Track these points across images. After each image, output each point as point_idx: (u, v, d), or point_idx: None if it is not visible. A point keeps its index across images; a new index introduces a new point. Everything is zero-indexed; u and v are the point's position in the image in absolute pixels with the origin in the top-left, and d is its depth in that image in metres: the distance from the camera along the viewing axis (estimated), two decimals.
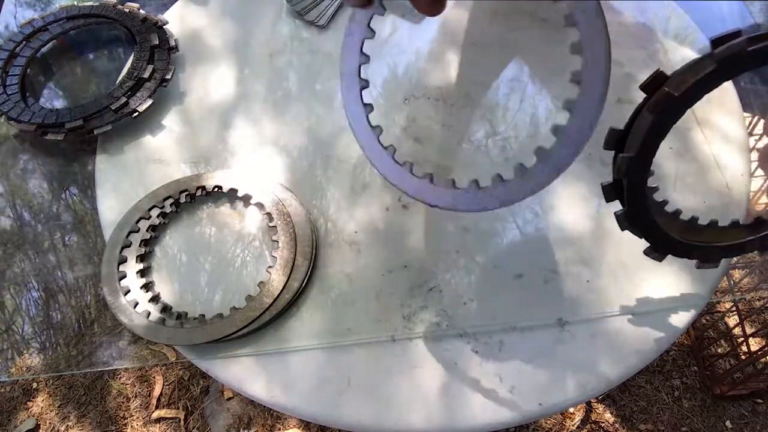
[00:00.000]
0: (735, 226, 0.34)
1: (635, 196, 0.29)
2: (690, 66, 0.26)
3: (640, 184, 0.29)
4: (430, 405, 0.35)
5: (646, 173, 0.28)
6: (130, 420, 0.94)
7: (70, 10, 0.53)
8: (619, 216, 0.31)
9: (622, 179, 0.29)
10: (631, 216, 0.30)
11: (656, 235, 0.31)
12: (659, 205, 0.33)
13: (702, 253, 0.33)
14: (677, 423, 0.89)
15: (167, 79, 0.48)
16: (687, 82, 0.26)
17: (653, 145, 0.27)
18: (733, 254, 0.33)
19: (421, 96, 0.47)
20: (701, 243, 0.33)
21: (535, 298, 0.38)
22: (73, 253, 0.47)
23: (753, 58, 0.25)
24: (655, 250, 0.32)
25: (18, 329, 0.46)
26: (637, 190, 0.29)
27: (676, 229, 0.33)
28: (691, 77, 0.26)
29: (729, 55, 0.25)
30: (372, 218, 0.41)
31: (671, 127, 0.27)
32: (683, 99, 0.26)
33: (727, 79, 0.26)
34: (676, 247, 0.32)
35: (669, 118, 0.27)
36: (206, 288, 0.40)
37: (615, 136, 0.29)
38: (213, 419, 0.93)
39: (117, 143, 0.47)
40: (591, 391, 0.35)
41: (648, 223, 0.31)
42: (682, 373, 0.93)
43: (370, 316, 0.38)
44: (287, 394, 0.36)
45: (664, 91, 0.26)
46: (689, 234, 0.33)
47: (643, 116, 0.28)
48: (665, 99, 0.26)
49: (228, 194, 0.43)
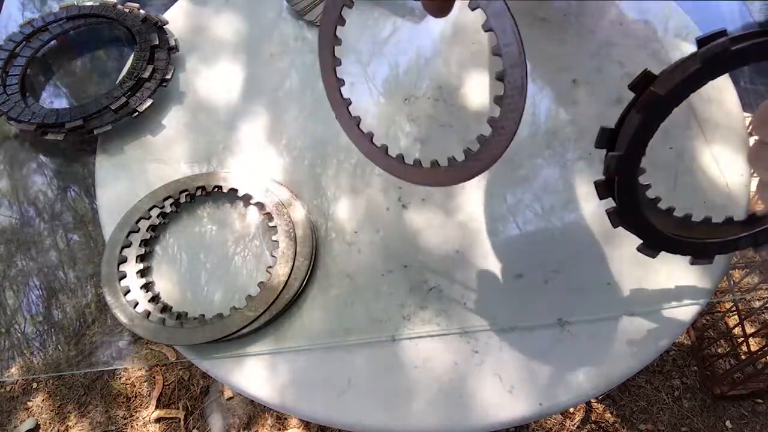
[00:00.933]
0: (729, 223, 0.34)
1: (625, 193, 0.30)
2: (677, 65, 0.27)
3: (630, 181, 0.29)
4: (430, 405, 0.35)
5: (635, 171, 0.29)
6: (130, 420, 0.94)
7: (70, 10, 0.53)
8: (611, 213, 0.31)
9: (613, 177, 0.29)
10: (622, 213, 0.31)
11: (648, 231, 0.32)
12: (651, 202, 0.33)
13: (695, 250, 0.33)
14: (677, 423, 0.89)
15: (167, 79, 0.48)
16: (673, 82, 0.26)
17: (641, 143, 0.28)
18: (726, 250, 0.33)
19: (421, 96, 0.47)
20: (694, 239, 0.33)
21: (535, 298, 0.38)
22: (74, 252, 0.47)
23: (737, 58, 0.25)
24: (648, 247, 0.33)
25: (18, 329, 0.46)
26: (627, 188, 0.29)
27: (669, 225, 0.33)
28: (677, 77, 0.26)
29: (713, 54, 0.25)
30: (372, 218, 0.41)
31: (659, 126, 0.27)
32: (669, 98, 0.26)
33: (713, 78, 0.26)
34: (669, 243, 0.32)
35: (656, 117, 0.27)
36: (206, 288, 0.40)
37: (605, 135, 0.30)
38: (213, 419, 0.93)
39: (117, 143, 0.47)
40: (591, 391, 0.35)
41: (639, 219, 0.31)
42: (682, 373, 0.93)
43: (370, 316, 0.38)
44: (287, 394, 0.36)
45: (651, 91, 0.27)
46: (683, 230, 0.33)
47: (632, 116, 0.28)
48: (652, 98, 0.27)
49: (228, 194, 0.43)
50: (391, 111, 0.46)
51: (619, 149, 0.28)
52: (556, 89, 0.46)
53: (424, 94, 0.47)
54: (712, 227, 0.34)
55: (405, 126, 0.45)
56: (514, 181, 0.42)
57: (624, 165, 0.28)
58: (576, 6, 0.50)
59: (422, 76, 0.48)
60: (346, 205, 0.42)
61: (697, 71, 0.26)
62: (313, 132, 0.46)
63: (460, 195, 0.42)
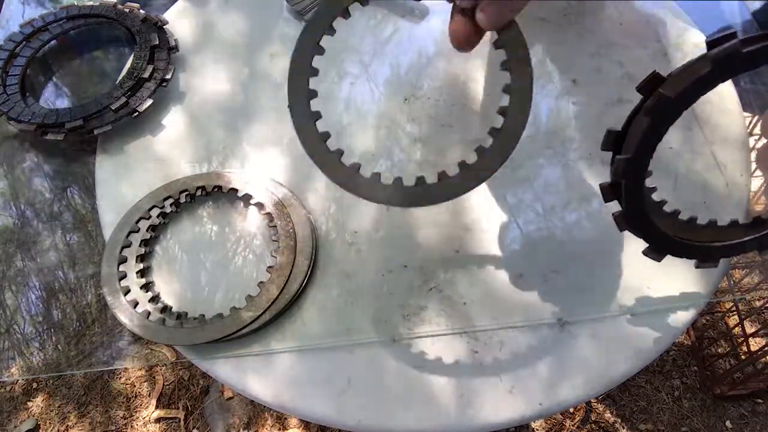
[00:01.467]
0: (734, 226, 0.34)
1: (633, 197, 0.29)
2: (686, 67, 0.27)
3: (638, 185, 0.29)
4: (430, 405, 0.35)
5: (643, 175, 0.29)
6: (130, 420, 0.94)
7: (70, 10, 0.53)
8: (617, 217, 0.31)
9: (620, 181, 0.29)
10: (629, 217, 0.30)
11: (655, 235, 0.31)
12: (657, 205, 0.33)
13: (701, 253, 0.33)
14: (677, 423, 0.89)
15: (167, 79, 0.48)
16: (683, 84, 0.26)
17: (650, 146, 0.27)
18: (732, 254, 0.33)
19: (421, 96, 0.47)
20: (700, 243, 0.33)
21: (535, 298, 0.38)
22: (74, 252, 0.47)
23: (748, 60, 0.25)
24: (654, 251, 0.32)
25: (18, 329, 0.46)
26: (635, 192, 0.29)
27: (674, 228, 0.33)
28: (686, 79, 0.26)
29: (724, 56, 0.25)
30: (372, 218, 0.41)
31: (668, 129, 0.27)
32: (679, 101, 0.26)
33: (723, 81, 0.26)
34: (675, 247, 0.32)
35: (665, 120, 0.27)
36: (206, 288, 0.40)
37: (612, 138, 0.29)
38: (213, 419, 0.93)
39: (117, 143, 0.47)
40: (591, 391, 0.35)
41: (646, 223, 0.31)
42: (682, 373, 0.93)
43: (370, 316, 0.38)
44: (287, 394, 0.36)
45: (660, 94, 0.26)
46: (688, 234, 0.33)
47: (640, 118, 0.28)
48: (661, 101, 0.26)
49: (228, 194, 0.43)
50: (391, 111, 0.46)
51: (626, 152, 0.28)
52: (556, 89, 0.46)
53: (424, 94, 0.47)
54: (717, 230, 0.34)
55: (405, 126, 0.45)
56: (514, 180, 0.42)
57: (632, 168, 0.28)
58: (576, 6, 0.50)
59: (423, 76, 0.48)
60: (346, 205, 0.42)
61: (709, 73, 0.25)
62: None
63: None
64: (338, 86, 0.48)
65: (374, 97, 0.47)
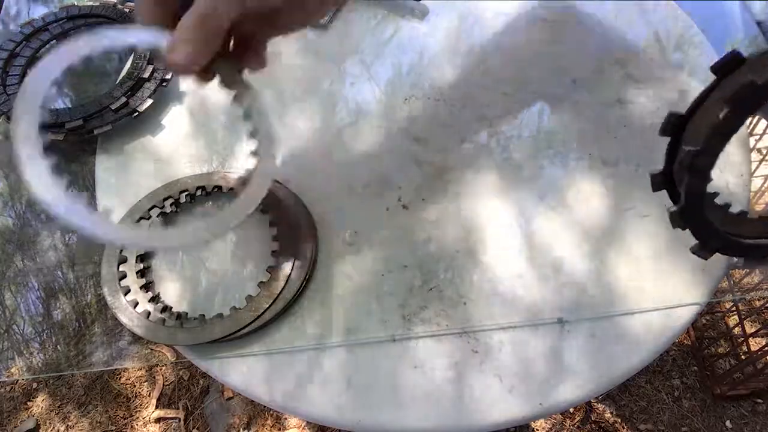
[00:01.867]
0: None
1: (695, 192, 0.26)
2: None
3: (703, 179, 0.25)
4: (430, 405, 0.35)
5: (710, 168, 0.25)
6: (130, 420, 0.94)
7: (70, 10, 0.53)
8: (674, 213, 0.28)
9: (683, 174, 0.25)
10: (687, 213, 0.27)
11: (709, 232, 0.28)
12: (710, 198, 0.29)
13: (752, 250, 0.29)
14: (677, 423, 0.89)
15: (167, 79, 0.48)
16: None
17: (725, 137, 0.24)
18: None
19: (421, 96, 0.47)
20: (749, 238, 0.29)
21: (535, 298, 0.38)
22: (73, 252, 0.47)
23: None
24: (703, 248, 0.29)
25: (18, 329, 0.46)
26: (699, 187, 0.26)
27: (726, 224, 0.29)
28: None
29: None
30: (372, 218, 0.41)
31: (747, 118, 0.24)
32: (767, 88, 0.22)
33: None
34: (728, 244, 0.29)
35: (747, 109, 0.24)
36: (206, 288, 0.40)
37: (674, 121, 0.26)
38: (213, 419, 0.93)
39: (117, 143, 0.47)
40: (591, 391, 0.35)
41: (703, 220, 0.27)
42: (682, 373, 0.93)
43: (370, 316, 0.38)
44: (287, 394, 0.36)
45: (747, 79, 0.23)
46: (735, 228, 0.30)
47: (713, 104, 0.24)
48: (748, 88, 0.23)
49: (228, 194, 0.43)
50: (391, 111, 0.46)
51: (694, 142, 0.25)
52: (556, 89, 0.46)
53: (424, 94, 0.47)
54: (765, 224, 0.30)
55: (405, 126, 0.45)
56: (515, 180, 0.42)
57: (701, 161, 0.25)
58: (576, 6, 0.50)
59: (423, 76, 0.48)
60: (346, 205, 0.42)
61: None
62: (313, 132, 0.46)
63: (460, 195, 0.42)
64: (338, 86, 0.48)
65: (374, 96, 0.47)
